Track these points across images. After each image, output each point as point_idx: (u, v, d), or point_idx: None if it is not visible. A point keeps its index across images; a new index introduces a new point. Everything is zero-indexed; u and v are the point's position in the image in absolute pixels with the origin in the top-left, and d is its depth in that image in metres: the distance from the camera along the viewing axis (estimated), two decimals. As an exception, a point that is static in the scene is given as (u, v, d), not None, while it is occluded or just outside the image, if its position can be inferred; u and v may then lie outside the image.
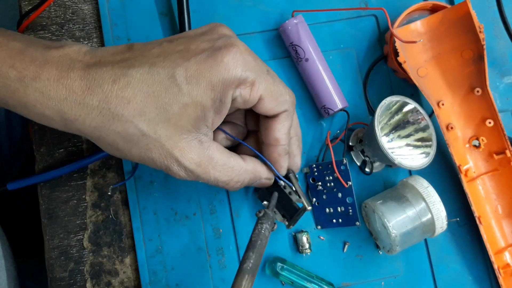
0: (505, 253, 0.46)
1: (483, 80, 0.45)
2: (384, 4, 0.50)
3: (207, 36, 0.37)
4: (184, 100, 0.35)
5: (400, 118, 0.45)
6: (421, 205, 0.43)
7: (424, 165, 0.43)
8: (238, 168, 0.39)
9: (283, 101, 0.39)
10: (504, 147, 0.45)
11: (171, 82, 0.35)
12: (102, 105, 0.35)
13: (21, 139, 0.66)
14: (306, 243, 0.46)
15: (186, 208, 0.46)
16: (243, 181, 0.40)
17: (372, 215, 0.44)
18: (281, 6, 0.49)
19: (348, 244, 0.47)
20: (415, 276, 0.47)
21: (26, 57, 0.35)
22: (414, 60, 0.46)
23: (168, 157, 0.36)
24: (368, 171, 0.47)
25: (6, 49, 0.36)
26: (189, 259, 0.46)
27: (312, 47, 0.46)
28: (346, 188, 0.45)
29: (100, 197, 0.47)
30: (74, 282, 0.46)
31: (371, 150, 0.45)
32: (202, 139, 0.37)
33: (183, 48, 0.36)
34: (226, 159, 0.38)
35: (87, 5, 0.49)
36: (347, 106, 0.47)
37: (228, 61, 0.35)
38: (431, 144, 0.44)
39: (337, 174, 0.45)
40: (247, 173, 0.40)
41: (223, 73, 0.35)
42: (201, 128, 0.37)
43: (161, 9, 0.48)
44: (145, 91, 0.35)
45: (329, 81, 0.46)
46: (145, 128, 0.35)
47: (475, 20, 0.45)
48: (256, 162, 0.41)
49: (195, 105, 0.35)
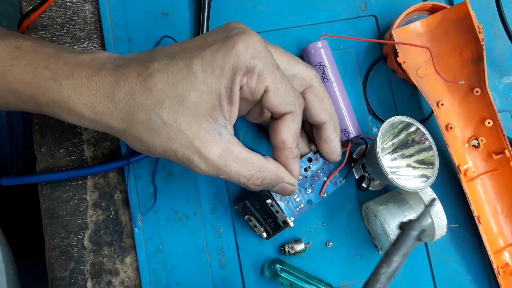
0: (504, 253, 0.46)
1: (483, 80, 0.45)
2: (383, 5, 0.50)
3: (223, 29, 0.38)
4: (200, 87, 0.36)
5: (404, 137, 0.44)
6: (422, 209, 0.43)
7: (427, 187, 0.43)
8: (259, 164, 0.39)
9: (289, 101, 0.39)
10: (503, 147, 0.46)
11: (188, 71, 0.36)
12: (128, 96, 0.37)
13: (22, 139, 0.66)
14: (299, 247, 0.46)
15: (186, 208, 0.47)
16: (265, 179, 0.40)
17: (373, 218, 0.44)
18: (281, 7, 0.49)
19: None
20: (414, 276, 0.47)
21: (60, 60, 0.38)
22: (414, 60, 0.46)
23: (189, 147, 0.37)
24: (364, 186, 0.47)
25: (40, 53, 0.38)
26: (189, 258, 0.46)
27: (335, 71, 0.47)
28: (318, 192, 0.45)
29: (100, 196, 0.47)
30: (74, 281, 0.46)
31: (372, 168, 0.45)
32: (221, 131, 0.37)
33: (201, 42, 0.37)
34: (247, 154, 0.38)
35: (87, 6, 0.49)
36: (361, 134, 0.47)
37: (239, 48, 0.36)
38: (432, 167, 0.43)
39: (326, 180, 0.45)
40: (269, 171, 0.40)
41: (233, 59, 0.36)
42: (219, 119, 0.37)
43: (161, 9, 0.49)
44: (165, 80, 0.36)
45: (349, 107, 0.47)
46: (166, 117, 0.36)
47: (474, 20, 0.45)
48: (278, 164, 0.41)
49: (211, 92, 0.36)
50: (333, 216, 0.47)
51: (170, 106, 0.36)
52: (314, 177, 0.45)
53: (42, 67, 0.38)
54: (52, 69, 0.37)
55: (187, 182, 0.47)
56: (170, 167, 0.47)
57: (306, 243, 0.46)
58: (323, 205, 0.47)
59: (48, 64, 0.38)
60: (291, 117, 0.40)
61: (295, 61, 0.42)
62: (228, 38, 0.36)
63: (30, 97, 0.38)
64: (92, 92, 0.37)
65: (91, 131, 0.47)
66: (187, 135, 0.37)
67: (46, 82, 0.37)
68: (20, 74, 0.38)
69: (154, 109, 0.36)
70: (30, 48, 0.39)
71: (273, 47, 0.41)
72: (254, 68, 0.36)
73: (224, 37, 0.37)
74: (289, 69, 0.41)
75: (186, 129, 0.36)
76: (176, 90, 0.36)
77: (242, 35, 0.36)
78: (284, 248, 0.46)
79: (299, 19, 0.49)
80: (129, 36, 0.48)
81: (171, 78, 0.36)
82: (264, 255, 0.47)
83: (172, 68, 0.36)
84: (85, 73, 0.37)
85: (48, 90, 0.38)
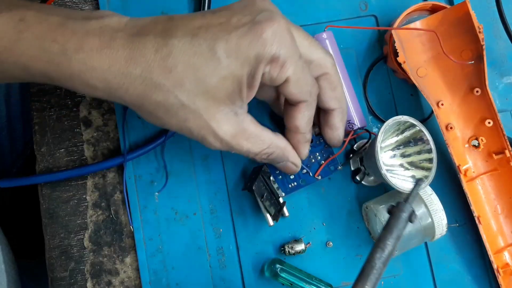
0: (504, 253, 0.46)
1: (483, 80, 0.45)
2: (384, 5, 0.50)
3: (248, 9, 0.37)
4: (223, 73, 0.35)
5: (407, 137, 0.45)
6: (423, 210, 0.43)
7: (421, 189, 0.43)
8: (269, 141, 0.40)
9: (306, 91, 0.39)
10: (503, 147, 0.46)
11: (212, 54, 0.35)
12: (145, 74, 0.35)
13: (22, 139, 0.66)
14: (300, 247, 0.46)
15: (186, 208, 0.47)
16: (272, 154, 0.41)
17: (373, 217, 0.44)
18: (281, 7, 0.49)
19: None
20: (414, 276, 0.47)
21: (67, 30, 0.35)
22: (414, 60, 0.46)
23: (205, 127, 0.37)
24: (358, 179, 0.47)
25: (46, 24, 0.36)
26: (189, 258, 0.46)
27: (340, 63, 0.47)
28: (313, 174, 0.46)
29: (100, 196, 0.47)
30: (74, 281, 0.46)
31: (369, 162, 0.45)
32: (237, 111, 0.38)
33: (225, 20, 0.36)
34: (259, 132, 0.39)
35: (87, 6, 0.49)
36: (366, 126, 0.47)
37: (266, 37, 0.35)
38: (429, 172, 0.43)
39: (323, 162, 0.46)
40: (277, 148, 0.41)
41: (259, 48, 0.35)
42: (236, 102, 0.37)
43: (161, 9, 0.49)
44: (186, 62, 0.35)
45: (354, 98, 0.47)
46: (184, 99, 0.36)
47: (474, 20, 0.45)
48: (287, 143, 0.42)
49: (233, 78, 0.36)
50: (333, 216, 0.47)
51: (189, 89, 0.35)
52: (312, 158, 0.46)
53: (50, 40, 0.35)
54: (60, 41, 0.35)
55: (187, 182, 0.47)
56: (170, 167, 0.47)
57: (306, 243, 0.46)
58: (323, 205, 0.47)
59: (55, 36, 0.35)
60: (306, 105, 0.40)
61: (315, 46, 0.40)
62: (256, 23, 0.35)
63: (40, 72, 0.37)
64: (105, 66, 0.35)
65: (91, 131, 0.47)
66: (204, 117, 0.37)
67: (56, 56, 0.35)
68: (28, 49, 0.36)
69: (173, 90, 0.35)
70: (34, 19, 0.36)
71: (295, 29, 0.39)
72: (279, 58, 0.36)
73: (250, 20, 0.36)
74: (309, 54, 0.40)
75: (204, 112, 0.36)
76: (197, 74, 0.35)
77: (270, 21, 0.35)
78: (284, 248, 0.46)
79: (299, 19, 0.49)
80: (129, 36, 0.48)
81: (192, 60, 0.35)
82: (264, 255, 0.47)
83: (195, 49, 0.35)
84: (96, 44, 0.35)
85: (59, 64, 0.36)
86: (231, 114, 0.37)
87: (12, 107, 0.62)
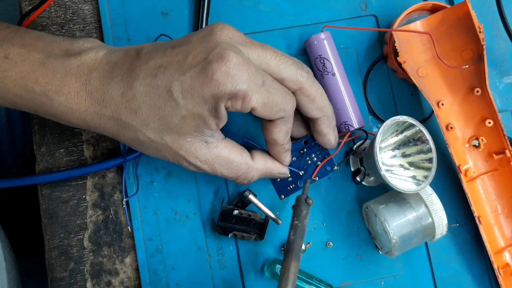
0: (505, 253, 0.46)
1: (483, 80, 0.45)
2: (384, 4, 0.50)
3: (205, 44, 0.37)
4: (182, 113, 0.37)
5: (407, 137, 0.44)
6: (423, 210, 0.43)
7: (421, 189, 0.43)
8: (245, 166, 0.41)
9: (278, 110, 0.39)
10: (503, 147, 0.46)
11: (169, 96, 0.37)
12: (115, 115, 0.38)
13: (21, 139, 0.66)
14: None
15: (186, 208, 0.47)
16: (252, 178, 0.42)
17: (373, 217, 0.44)
18: (281, 7, 0.49)
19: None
20: (415, 276, 0.47)
21: (48, 70, 0.38)
22: (414, 60, 0.46)
23: (177, 155, 0.39)
24: (358, 180, 0.47)
25: (28, 62, 0.38)
26: (189, 259, 0.46)
27: (338, 63, 0.46)
28: (310, 175, 0.46)
29: (100, 197, 0.47)
30: (74, 281, 0.46)
31: (368, 163, 0.45)
32: (208, 140, 0.39)
33: (181, 58, 0.37)
34: (233, 157, 0.40)
35: (87, 5, 0.49)
36: (364, 126, 0.47)
37: (218, 78, 0.36)
38: (429, 172, 0.43)
39: (320, 164, 0.46)
40: (256, 171, 0.42)
41: (213, 88, 0.36)
42: (205, 131, 0.38)
43: (161, 9, 0.48)
44: (148, 103, 0.37)
45: (352, 98, 0.47)
46: (152, 136, 0.38)
47: (474, 20, 0.45)
48: (267, 159, 0.43)
49: (193, 116, 0.37)
50: (333, 216, 0.47)
51: (155, 127, 0.38)
52: (308, 160, 0.46)
53: (32, 80, 0.38)
54: (41, 82, 0.38)
55: (187, 182, 0.47)
56: (170, 167, 0.47)
57: (306, 243, 0.46)
58: (323, 205, 0.47)
59: (37, 76, 0.38)
60: (282, 120, 0.40)
61: (284, 63, 0.40)
62: (208, 64, 0.36)
63: (26, 107, 0.40)
64: (82, 109, 0.38)
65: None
66: (173, 149, 0.39)
67: (39, 96, 0.38)
68: (13, 87, 0.38)
69: (141, 129, 0.38)
70: (18, 56, 0.38)
71: (261, 48, 0.39)
72: (237, 93, 0.36)
73: (204, 58, 0.36)
74: (278, 72, 0.40)
75: (171, 145, 0.39)
76: (159, 113, 0.37)
77: (221, 60, 0.36)
78: (284, 248, 0.46)
79: (299, 19, 0.49)
80: (129, 36, 0.48)
81: (153, 101, 0.37)
82: (264, 255, 0.46)
83: (154, 91, 0.37)
84: (74, 87, 0.38)
85: (41, 104, 0.39)
86: (200, 143, 0.39)
87: (12, 107, 0.62)
